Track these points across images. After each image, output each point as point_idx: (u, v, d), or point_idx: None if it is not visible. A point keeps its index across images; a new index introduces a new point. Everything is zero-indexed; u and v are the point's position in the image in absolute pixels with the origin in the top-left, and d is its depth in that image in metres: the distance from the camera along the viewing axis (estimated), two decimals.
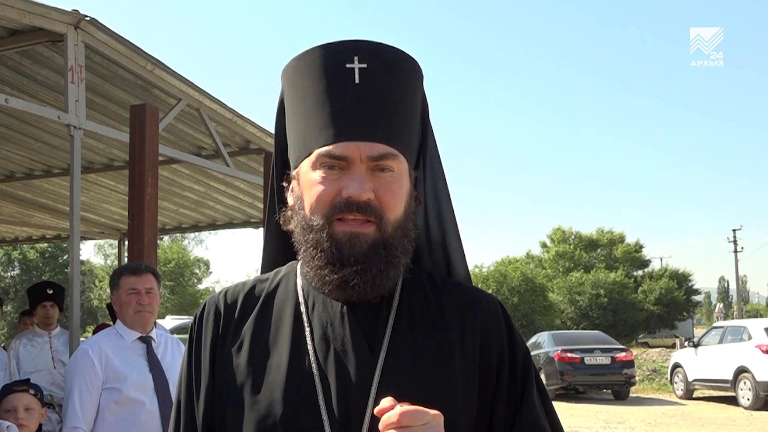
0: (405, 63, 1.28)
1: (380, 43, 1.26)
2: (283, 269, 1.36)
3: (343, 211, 1.19)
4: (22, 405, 3.38)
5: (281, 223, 1.32)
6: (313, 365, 1.20)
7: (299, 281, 1.30)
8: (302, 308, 1.27)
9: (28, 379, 3.75)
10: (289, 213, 1.29)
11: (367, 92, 1.22)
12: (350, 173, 1.19)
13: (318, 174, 1.21)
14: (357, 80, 1.22)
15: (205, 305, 1.33)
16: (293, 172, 1.28)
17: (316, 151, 1.21)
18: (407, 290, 1.28)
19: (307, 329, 1.24)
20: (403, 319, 1.25)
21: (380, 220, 1.20)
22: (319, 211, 1.20)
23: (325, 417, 1.16)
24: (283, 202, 1.33)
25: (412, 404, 1.08)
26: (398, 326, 1.24)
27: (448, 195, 1.38)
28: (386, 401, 1.09)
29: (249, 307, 1.30)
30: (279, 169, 1.36)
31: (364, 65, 1.22)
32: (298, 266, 1.32)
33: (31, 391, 3.47)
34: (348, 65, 1.22)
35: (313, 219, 1.21)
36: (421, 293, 1.29)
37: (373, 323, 1.24)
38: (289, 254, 1.35)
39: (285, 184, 1.32)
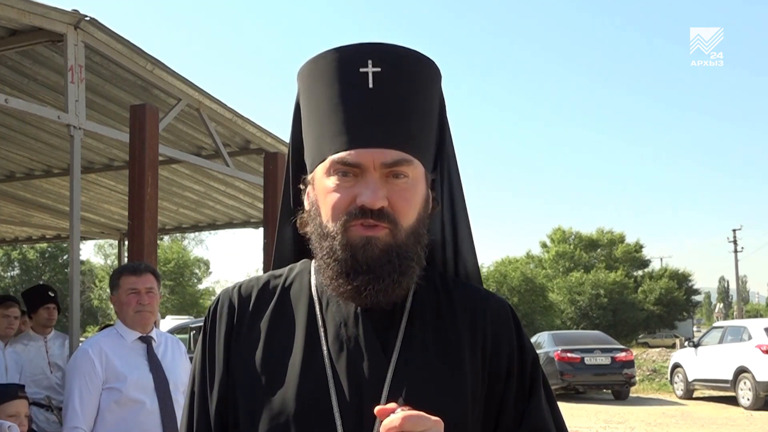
0: (420, 65, 1.27)
1: (395, 46, 1.25)
2: (297, 266, 1.36)
3: (358, 217, 1.19)
4: (24, 412, 3.43)
5: (298, 225, 1.32)
6: (327, 364, 1.21)
7: (313, 279, 1.31)
8: (316, 307, 1.27)
9: (23, 385, 3.78)
10: (306, 216, 1.30)
11: (381, 97, 1.21)
12: (364, 180, 1.19)
13: (332, 181, 1.21)
14: (371, 85, 1.21)
15: (218, 298, 1.34)
16: (309, 177, 1.29)
17: (330, 158, 1.21)
18: (420, 291, 1.28)
19: (321, 328, 1.25)
20: (416, 321, 1.26)
21: (394, 227, 1.20)
22: (335, 218, 1.21)
23: (337, 416, 1.17)
24: (300, 204, 1.33)
25: (418, 407, 1.09)
26: (411, 327, 1.25)
27: (462, 194, 1.39)
28: (388, 405, 1.09)
29: (263, 302, 1.30)
30: (295, 171, 1.36)
31: (378, 69, 1.21)
32: (312, 264, 1.32)
33: (30, 399, 3.52)
34: (362, 69, 1.21)
35: (328, 226, 1.22)
36: (434, 294, 1.30)
37: (386, 324, 1.24)
38: (300, 254, 1.36)
39: (302, 187, 1.32)
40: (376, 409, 1.10)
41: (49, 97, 6.32)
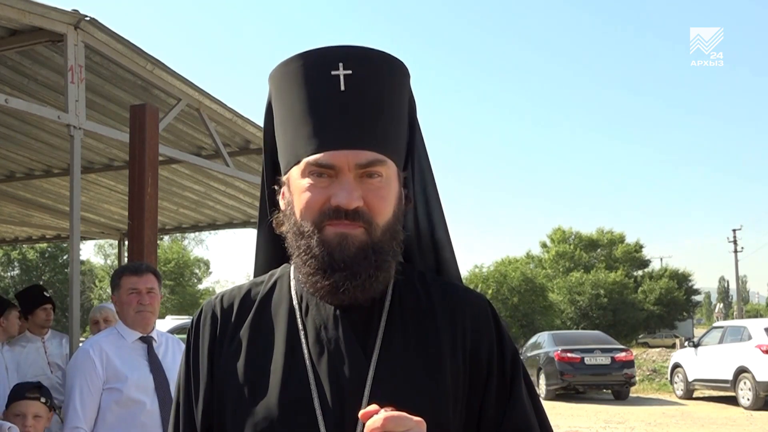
0: (390, 65, 1.28)
1: (365, 48, 1.27)
2: (278, 271, 1.37)
3: (332, 218, 1.20)
4: (31, 413, 3.36)
5: (274, 226, 1.33)
6: (308, 368, 1.22)
7: (293, 284, 1.32)
8: (296, 311, 1.28)
9: (40, 385, 3.67)
10: (281, 217, 1.31)
11: (353, 99, 1.22)
12: (339, 181, 1.21)
13: (307, 181, 1.23)
14: (342, 87, 1.22)
15: (201, 310, 1.35)
16: (283, 178, 1.30)
17: (305, 160, 1.23)
18: (399, 291, 1.29)
19: (302, 332, 1.26)
20: (395, 320, 1.27)
21: (369, 225, 1.21)
22: (309, 217, 1.22)
23: (320, 419, 1.18)
24: (275, 205, 1.34)
25: (400, 408, 1.09)
26: (390, 327, 1.26)
27: (436, 191, 1.40)
28: (371, 406, 1.10)
29: (245, 310, 1.32)
30: (269, 172, 1.38)
31: (349, 72, 1.23)
32: (292, 268, 1.33)
33: (42, 399, 3.44)
34: (333, 72, 1.23)
35: (303, 225, 1.23)
36: (413, 293, 1.31)
37: (365, 325, 1.25)
38: (282, 256, 1.36)
39: (276, 188, 1.33)
40: (361, 413, 1.11)
41: (49, 97, 6.31)
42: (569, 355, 16.47)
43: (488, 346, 1.29)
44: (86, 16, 5.13)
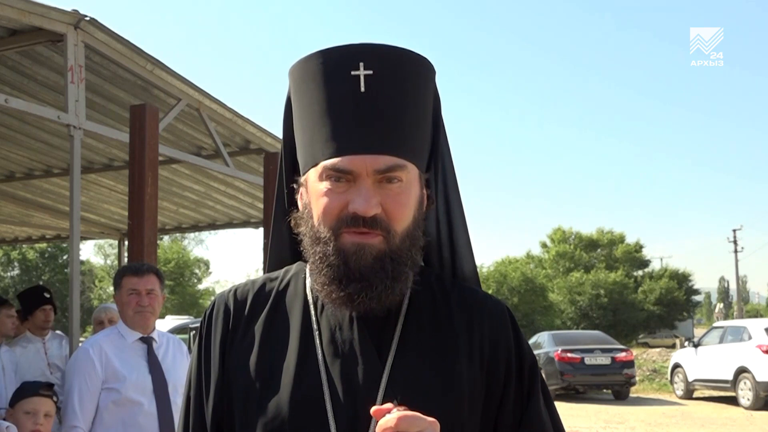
0: (414, 63, 1.25)
1: (387, 46, 1.23)
2: (293, 268, 1.35)
3: (350, 225, 1.18)
4: (43, 410, 3.34)
5: (292, 224, 1.31)
6: (321, 368, 1.20)
7: (308, 282, 1.29)
8: (311, 310, 1.26)
9: (51, 384, 3.66)
10: (298, 217, 1.29)
11: (374, 101, 1.19)
12: (356, 187, 1.18)
13: (324, 186, 1.20)
14: (362, 89, 1.18)
15: (214, 303, 1.33)
16: (302, 179, 1.27)
17: (322, 164, 1.20)
18: (416, 294, 1.27)
19: (316, 331, 1.24)
20: (412, 324, 1.25)
21: (387, 233, 1.19)
22: (326, 223, 1.20)
23: (331, 420, 1.16)
24: (293, 203, 1.32)
25: (413, 409, 1.08)
26: (406, 331, 1.24)
27: (458, 190, 1.37)
28: (385, 405, 1.09)
29: (259, 305, 1.30)
30: (288, 168, 1.34)
31: (370, 72, 1.19)
32: (308, 266, 1.30)
33: (54, 398, 3.44)
34: (353, 72, 1.19)
35: (320, 231, 1.20)
36: (430, 297, 1.28)
37: (381, 327, 1.23)
38: (297, 253, 1.34)
39: (295, 187, 1.31)
40: (373, 409, 1.09)
41: (49, 97, 6.32)
42: (569, 355, 16.46)
43: (506, 354, 1.27)
44: (86, 16, 5.13)
